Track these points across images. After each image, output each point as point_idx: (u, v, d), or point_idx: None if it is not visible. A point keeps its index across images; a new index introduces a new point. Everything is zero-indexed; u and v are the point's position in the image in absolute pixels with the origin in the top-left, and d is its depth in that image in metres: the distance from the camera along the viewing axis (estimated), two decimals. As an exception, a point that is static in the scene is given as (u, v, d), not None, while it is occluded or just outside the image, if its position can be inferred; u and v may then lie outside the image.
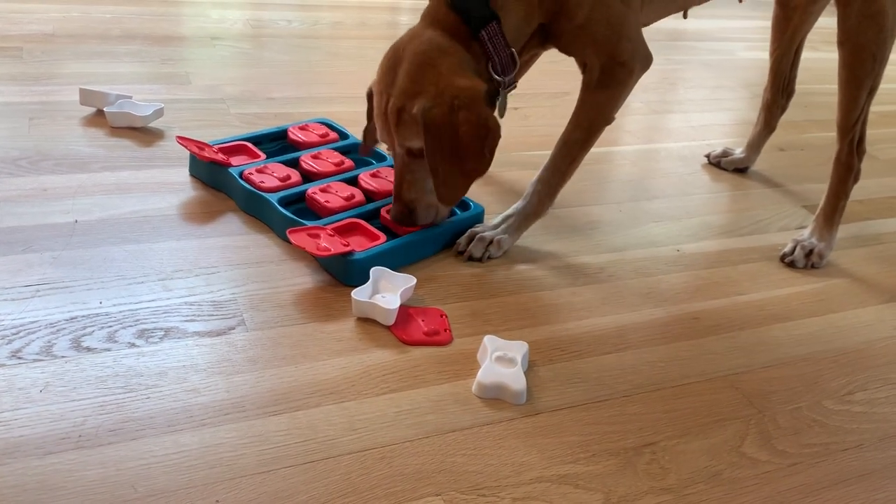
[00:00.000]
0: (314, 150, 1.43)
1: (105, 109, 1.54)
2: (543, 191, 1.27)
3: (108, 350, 0.95)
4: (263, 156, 1.40)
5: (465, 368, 1.01)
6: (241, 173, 1.31)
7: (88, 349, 0.95)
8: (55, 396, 0.87)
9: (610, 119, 1.26)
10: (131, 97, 1.59)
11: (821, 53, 1.33)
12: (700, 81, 2.36)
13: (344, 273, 1.14)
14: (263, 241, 1.22)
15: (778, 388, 1.06)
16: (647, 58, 1.25)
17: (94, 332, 0.98)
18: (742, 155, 1.72)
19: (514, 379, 0.97)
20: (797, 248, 1.37)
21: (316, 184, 1.31)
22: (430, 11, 1.16)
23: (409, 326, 1.07)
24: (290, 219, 1.20)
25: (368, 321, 1.07)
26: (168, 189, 1.34)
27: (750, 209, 1.56)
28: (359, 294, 1.07)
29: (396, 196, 1.21)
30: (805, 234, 1.40)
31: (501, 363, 0.99)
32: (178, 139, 1.37)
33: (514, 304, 1.16)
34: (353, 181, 1.35)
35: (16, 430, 0.83)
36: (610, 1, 1.18)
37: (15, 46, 1.87)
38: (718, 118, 2.05)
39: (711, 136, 1.91)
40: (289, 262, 1.18)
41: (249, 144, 1.43)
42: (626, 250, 1.34)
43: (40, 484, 0.77)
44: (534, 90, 2.01)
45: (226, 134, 1.52)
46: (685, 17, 1.39)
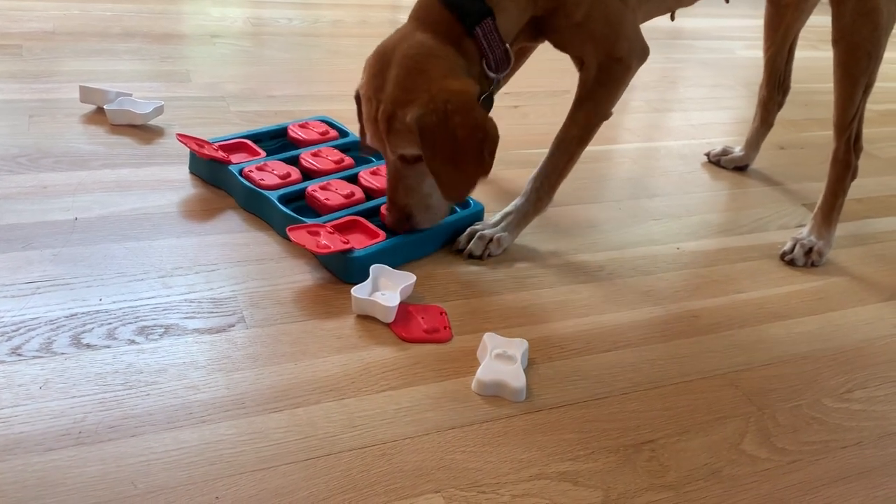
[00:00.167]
0: (314, 148, 1.43)
1: (105, 107, 1.54)
2: (542, 188, 1.27)
3: (108, 347, 0.95)
4: (263, 153, 1.41)
5: (465, 366, 1.01)
6: (241, 171, 1.31)
7: (88, 346, 0.95)
8: (55, 393, 0.88)
9: (607, 115, 1.25)
10: (131, 95, 1.59)
11: (820, 52, 1.33)
12: (699, 80, 2.36)
13: (344, 270, 1.14)
14: (263, 238, 1.22)
15: (777, 386, 1.06)
16: (644, 52, 1.24)
17: (93, 328, 0.98)
18: (741, 153, 1.72)
19: (514, 376, 0.97)
20: (796, 247, 1.37)
21: (316, 181, 1.32)
22: (420, 9, 1.13)
23: (408, 324, 1.07)
24: (290, 216, 1.20)
25: (368, 318, 1.08)
26: (168, 186, 1.34)
27: (750, 207, 1.56)
28: (359, 291, 1.08)
29: (391, 202, 1.19)
30: (804, 232, 1.40)
31: (501, 361, 0.99)
32: (178, 137, 1.37)
33: (513, 301, 1.16)
34: (353, 179, 1.35)
35: (16, 426, 0.83)
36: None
37: (15, 44, 1.87)
38: (718, 116, 2.05)
39: (711, 135, 1.91)
40: (289, 260, 1.18)
41: (249, 142, 1.43)
42: (625, 248, 1.35)
43: (40, 480, 0.77)
44: (533, 88, 2.01)
45: (226, 132, 1.52)
46: (672, 18, 1.38)
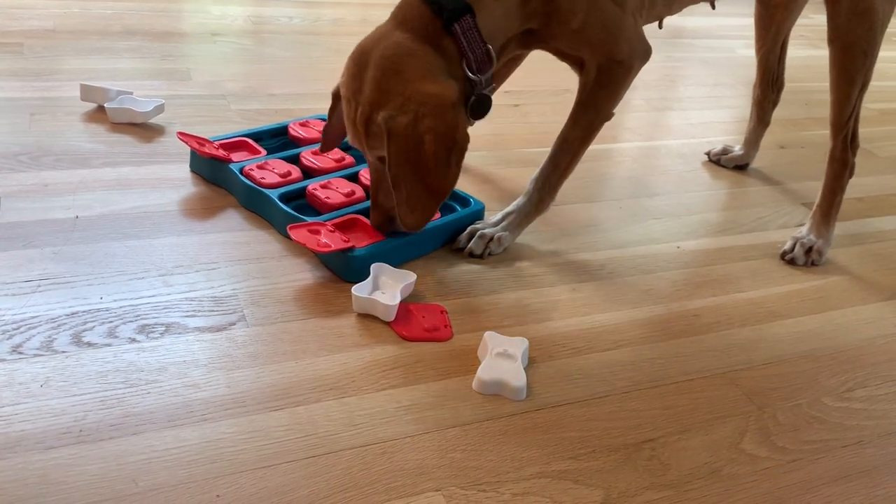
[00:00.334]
0: (315, 147, 1.43)
1: (106, 105, 1.54)
2: (544, 188, 1.27)
3: (109, 345, 0.95)
4: (264, 152, 1.41)
5: (466, 364, 1.01)
6: (241, 169, 1.31)
7: (89, 344, 0.95)
8: (56, 391, 0.88)
9: (609, 116, 1.24)
10: (132, 93, 1.59)
11: (820, 51, 1.33)
12: (699, 79, 2.36)
13: (344, 269, 1.14)
14: (264, 237, 1.23)
15: (778, 385, 1.06)
16: (646, 53, 1.23)
17: (94, 327, 0.98)
18: (741, 152, 1.72)
19: (515, 375, 0.97)
20: (796, 246, 1.37)
21: (316, 180, 1.32)
22: (400, 7, 1.11)
23: (409, 322, 1.07)
24: (291, 215, 1.20)
25: (369, 317, 1.08)
26: (169, 185, 1.34)
27: (750, 207, 1.56)
28: (359, 290, 1.08)
29: (374, 203, 1.17)
30: (803, 231, 1.40)
31: (502, 359, 0.99)
32: (178, 135, 1.37)
33: (514, 300, 1.16)
34: (353, 177, 1.35)
35: (16, 424, 0.83)
36: (604, 5, 1.15)
37: (16, 42, 1.87)
38: (718, 115, 2.05)
39: (711, 134, 1.91)
40: (289, 258, 1.18)
41: (250, 140, 1.43)
42: (626, 247, 1.35)
43: (41, 478, 0.77)
44: (534, 87, 2.01)
45: (226, 130, 1.52)
46: (660, 27, 1.36)
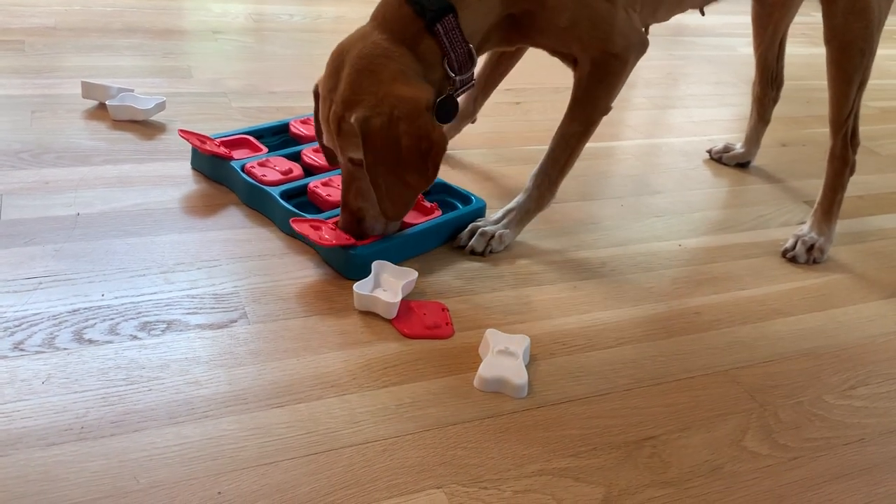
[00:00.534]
0: (316, 144, 1.42)
1: (107, 103, 1.54)
2: (544, 184, 1.27)
3: (110, 342, 0.95)
4: (265, 149, 1.41)
5: (467, 362, 1.01)
6: (242, 167, 1.31)
7: (90, 341, 0.95)
8: (57, 388, 0.88)
9: (607, 109, 1.23)
10: (133, 90, 1.59)
11: (822, 49, 1.32)
12: (701, 77, 2.36)
13: (346, 266, 1.14)
14: (265, 234, 1.22)
15: (779, 383, 1.06)
16: (642, 45, 1.20)
17: (96, 324, 0.98)
18: (742, 150, 1.72)
19: (516, 373, 0.97)
20: (798, 244, 1.37)
21: (318, 177, 1.32)
22: (382, 6, 1.09)
23: (410, 320, 1.07)
24: (292, 212, 1.20)
25: (370, 314, 1.08)
26: (170, 182, 1.34)
27: (752, 204, 1.56)
28: (361, 287, 1.08)
29: (344, 205, 1.15)
30: (805, 228, 1.40)
31: (503, 357, 0.99)
32: (179, 132, 1.37)
33: (515, 298, 1.16)
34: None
35: (18, 421, 0.83)
36: (592, 1, 1.13)
37: (17, 39, 1.87)
38: (720, 113, 2.05)
39: (713, 132, 1.90)
40: (291, 256, 1.18)
41: (251, 138, 1.43)
42: (627, 245, 1.34)
43: (43, 475, 0.77)
44: (534, 85, 2.01)
45: (228, 127, 1.52)
46: (646, 32, 1.34)
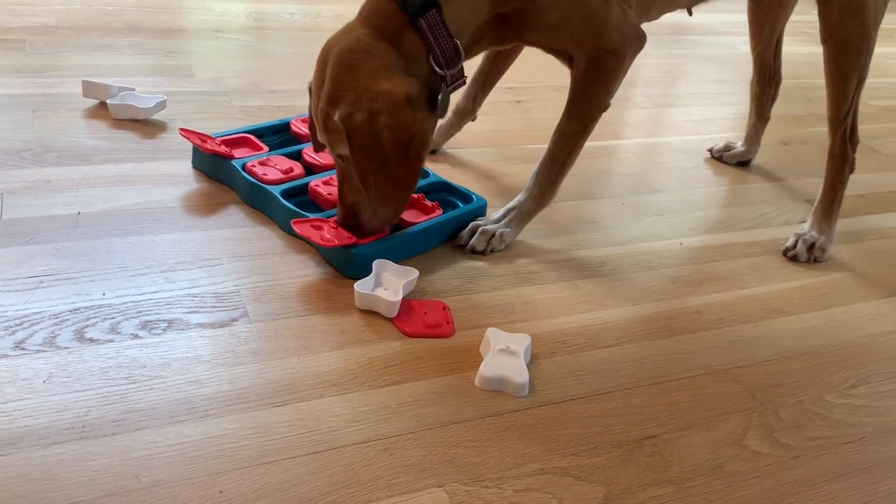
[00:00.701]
0: (317, 143, 1.43)
1: (108, 101, 1.54)
2: (544, 183, 1.26)
3: (112, 341, 0.96)
4: (266, 148, 1.41)
5: (468, 361, 1.01)
6: (243, 166, 1.31)
7: (92, 340, 0.95)
8: (59, 387, 0.88)
9: (605, 106, 1.22)
10: (134, 89, 1.59)
11: (821, 47, 1.32)
12: (702, 75, 2.36)
13: (346, 265, 1.14)
14: (266, 233, 1.23)
15: (780, 382, 1.06)
16: (639, 39, 1.19)
17: (97, 323, 0.98)
18: (743, 148, 1.72)
19: (517, 371, 0.97)
20: (799, 243, 1.37)
21: (318, 176, 1.32)
22: (368, 3, 1.09)
23: (411, 319, 1.07)
24: (293, 211, 1.20)
25: (371, 313, 1.08)
26: (171, 181, 1.34)
27: (752, 203, 1.56)
28: (362, 286, 1.08)
29: (340, 200, 1.15)
30: (805, 227, 1.40)
31: (504, 356, 0.99)
32: (180, 131, 1.37)
33: (516, 297, 1.16)
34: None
35: (20, 420, 0.83)
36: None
37: (18, 39, 1.87)
38: (721, 112, 2.05)
39: (714, 130, 1.90)
40: (291, 255, 1.18)
41: (252, 137, 1.43)
42: (628, 244, 1.34)
43: (44, 473, 0.77)
44: (535, 83, 2.01)
45: (228, 126, 1.52)
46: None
